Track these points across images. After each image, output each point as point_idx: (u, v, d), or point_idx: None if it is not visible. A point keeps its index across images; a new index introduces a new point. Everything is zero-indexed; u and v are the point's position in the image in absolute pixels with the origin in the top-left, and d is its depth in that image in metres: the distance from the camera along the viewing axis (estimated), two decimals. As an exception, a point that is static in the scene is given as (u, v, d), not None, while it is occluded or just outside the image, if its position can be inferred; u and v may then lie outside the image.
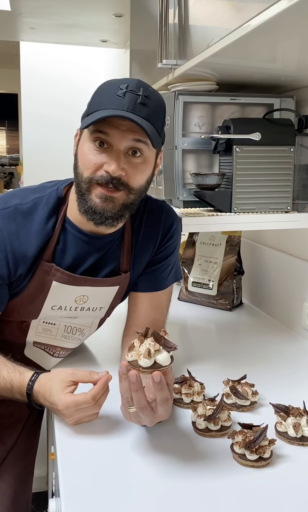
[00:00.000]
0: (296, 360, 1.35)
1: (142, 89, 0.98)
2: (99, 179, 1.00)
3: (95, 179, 1.01)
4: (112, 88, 0.99)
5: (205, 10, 1.15)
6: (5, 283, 1.09)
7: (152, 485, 0.84)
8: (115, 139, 0.98)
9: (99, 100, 1.00)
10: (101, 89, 1.02)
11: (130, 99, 0.96)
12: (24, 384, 1.03)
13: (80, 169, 1.03)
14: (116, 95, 0.97)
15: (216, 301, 1.76)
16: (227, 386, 1.13)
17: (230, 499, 0.81)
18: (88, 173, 1.01)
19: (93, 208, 1.02)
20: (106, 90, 1.00)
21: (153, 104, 1.00)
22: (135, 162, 1.01)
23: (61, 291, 1.13)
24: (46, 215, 1.08)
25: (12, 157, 8.85)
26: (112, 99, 0.97)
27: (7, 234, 1.06)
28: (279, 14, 0.81)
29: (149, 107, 0.98)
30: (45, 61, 3.38)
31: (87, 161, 1.01)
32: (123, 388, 0.88)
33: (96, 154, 1.00)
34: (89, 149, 1.01)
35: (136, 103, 0.96)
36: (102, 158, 0.99)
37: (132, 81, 0.99)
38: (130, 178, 1.01)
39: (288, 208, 1.32)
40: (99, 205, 1.02)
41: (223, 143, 1.29)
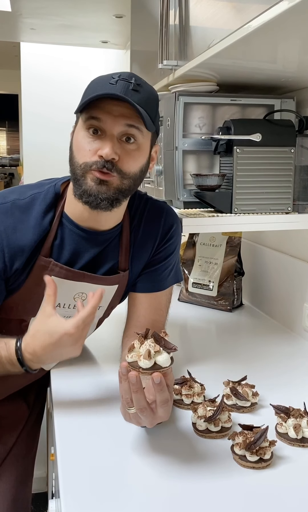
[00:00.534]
0: (297, 361, 1.35)
1: (134, 78, 1.00)
2: (93, 164, 1.01)
3: (89, 164, 1.01)
4: (104, 78, 1.01)
5: (206, 11, 1.15)
6: (1, 278, 1.08)
7: (152, 486, 0.84)
8: (108, 124, 0.99)
9: (91, 89, 1.01)
10: (93, 81, 1.04)
11: (122, 85, 0.98)
12: (12, 351, 1.01)
13: (75, 158, 1.04)
14: (108, 83, 0.99)
15: (216, 302, 1.76)
16: (227, 387, 1.13)
17: (231, 500, 0.81)
18: (83, 160, 1.02)
19: (88, 191, 1.03)
20: (98, 80, 1.02)
21: (145, 92, 1.01)
22: (129, 149, 1.02)
23: (59, 288, 1.13)
24: (43, 210, 1.09)
25: (13, 158, 8.86)
26: (104, 86, 0.98)
27: (4, 228, 1.06)
28: (279, 15, 0.81)
29: (141, 94, 1.00)
30: (46, 62, 3.39)
31: (82, 148, 1.02)
32: (123, 389, 0.88)
33: (90, 142, 1.01)
34: (83, 137, 1.02)
35: (128, 89, 0.98)
36: (96, 144, 1.01)
37: (124, 72, 1.01)
38: (123, 164, 1.02)
39: (289, 209, 1.32)
40: (94, 188, 1.02)
41: (224, 144, 1.29)
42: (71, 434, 0.99)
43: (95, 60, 3.43)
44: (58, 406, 1.10)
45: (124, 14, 2.26)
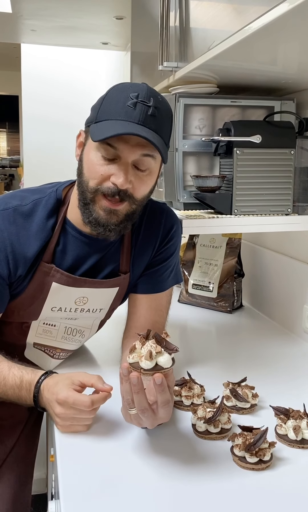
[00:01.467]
0: (297, 363, 1.35)
1: (153, 99, 0.97)
2: (106, 190, 1.00)
3: (101, 190, 1.01)
4: (122, 96, 0.97)
5: (206, 13, 1.15)
6: (6, 283, 1.09)
7: (152, 487, 0.84)
8: (124, 152, 0.98)
9: (109, 109, 0.98)
10: (110, 96, 1.00)
11: (141, 110, 0.96)
12: (36, 378, 1.04)
13: (85, 177, 1.03)
14: (126, 106, 0.96)
15: (216, 303, 1.76)
16: (227, 388, 1.13)
17: (230, 501, 0.81)
18: (94, 184, 1.01)
19: (97, 219, 1.03)
20: (115, 98, 0.99)
21: (163, 115, 1.00)
22: (142, 175, 1.02)
23: (61, 293, 1.13)
24: (45, 216, 1.09)
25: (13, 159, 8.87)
26: (123, 110, 0.96)
27: (8, 234, 1.06)
28: (280, 17, 0.81)
29: (159, 119, 0.98)
30: (46, 63, 3.39)
31: (94, 171, 1.00)
32: (124, 390, 0.88)
33: (103, 165, 0.99)
34: (96, 159, 1.00)
35: (147, 115, 0.96)
36: (110, 169, 0.99)
37: (142, 89, 0.98)
38: (135, 190, 1.02)
39: (289, 211, 1.32)
40: (103, 217, 1.02)
41: (224, 145, 1.29)
42: (70, 435, 0.99)
43: (95, 62, 3.43)
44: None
45: (124, 15, 2.26)
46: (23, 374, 1.06)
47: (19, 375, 1.06)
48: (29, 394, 1.04)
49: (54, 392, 0.98)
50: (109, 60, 3.29)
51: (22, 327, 1.19)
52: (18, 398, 1.06)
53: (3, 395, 1.07)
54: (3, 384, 1.06)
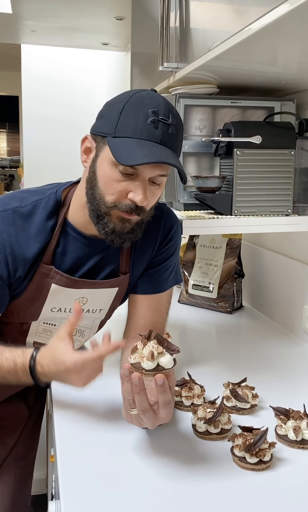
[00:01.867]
0: (297, 363, 1.35)
1: (171, 116, 0.97)
2: (124, 207, 1.01)
3: (119, 207, 1.01)
4: (142, 112, 0.96)
5: (206, 14, 1.16)
6: (5, 284, 1.09)
7: (152, 487, 0.84)
8: (145, 172, 0.99)
9: (129, 125, 0.97)
10: (128, 111, 0.97)
11: (162, 129, 0.96)
12: (27, 359, 1.03)
13: (101, 191, 1.02)
14: (148, 124, 0.95)
15: (217, 304, 1.76)
16: (227, 389, 1.13)
17: (230, 502, 0.81)
18: (112, 199, 1.01)
19: (115, 231, 1.03)
20: (135, 113, 0.97)
21: (179, 131, 1.01)
22: (154, 189, 1.03)
23: (60, 294, 1.13)
24: (45, 218, 1.09)
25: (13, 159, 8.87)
26: (145, 128, 0.95)
27: (7, 236, 1.06)
28: (280, 18, 0.81)
29: (176, 137, 1.00)
30: (46, 63, 3.39)
31: (112, 187, 1.00)
32: (126, 390, 0.88)
33: (121, 181, 0.99)
34: (114, 174, 0.99)
35: (168, 133, 0.97)
36: (128, 185, 0.99)
37: (160, 104, 0.97)
38: (148, 205, 1.03)
39: (289, 211, 1.32)
40: (119, 226, 1.03)
41: (224, 146, 1.29)
42: (71, 435, 0.99)
43: (95, 62, 3.43)
44: (58, 407, 1.10)
45: (124, 16, 2.26)
46: (15, 357, 1.04)
47: (11, 358, 1.04)
48: (28, 377, 1.03)
49: (59, 362, 0.97)
50: (109, 61, 3.30)
51: (22, 327, 1.19)
52: (19, 381, 1.05)
53: (4, 380, 1.06)
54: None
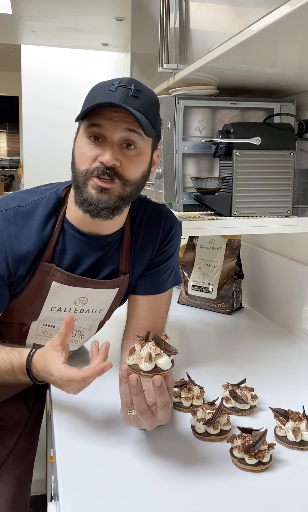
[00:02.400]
0: (296, 364, 1.35)
1: (134, 84, 1.00)
2: (94, 170, 1.01)
3: (90, 171, 1.01)
4: (104, 85, 1.01)
5: (206, 15, 1.16)
6: (5, 283, 1.09)
7: (151, 489, 0.84)
8: (109, 131, 0.99)
9: (91, 97, 1.02)
10: (94, 88, 1.04)
11: (121, 92, 0.98)
12: (23, 361, 1.04)
13: (77, 165, 1.04)
14: (108, 90, 0.99)
15: (216, 304, 1.76)
16: (226, 390, 1.13)
17: (229, 503, 0.81)
18: (85, 166, 1.02)
19: (89, 199, 1.03)
20: (98, 88, 1.03)
21: (145, 98, 1.01)
22: (130, 154, 1.02)
23: (60, 292, 1.13)
24: (45, 216, 1.09)
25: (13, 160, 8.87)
26: (104, 93, 0.99)
27: (8, 235, 1.06)
28: (280, 20, 0.81)
29: (141, 100, 1.00)
30: (46, 64, 3.40)
31: (83, 155, 1.02)
32: (124, 391, 0.88)
33: (91, 148, 1.01)
34: (84, 144, 1.02)
35: (128, 95, 0.98)
36: (97, 150, 1.01)
37: (124, 78, 1.01)
38: (125, 170, 1.02)
39: (288, 212, 1.32)
40: (94, 196, 1.02)
41: (223, 147, 1.29)
42: (70, 436, 0.99)
43: (95, 63, 3.44)
44: (58, 408, 1.10)
45: (124, 17, 2.27)
46: (11, 358, 1.05)
47: (8, 360, 1.05)
48: (26, 377, 1.04)
49: (48, 372, 0.98)
50: (109, 61, 3.30)
51: (21, 328, 1.19)
52: (18, 380, 1.06)
53: (3, 380, 1.07)
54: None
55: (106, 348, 1.00)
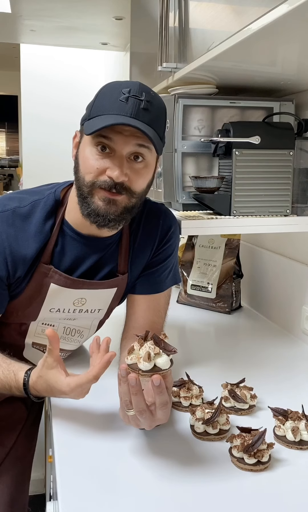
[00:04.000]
0: (295, 364, 1.35)
1: (145, 94, 0.98)
2: (102, 184, 1.00)
3: (97, 184, 1.01)
4: (115, 92, 0.99)
5: (206, 14, 1.15)
6: (4, 284, 1.09)
7: (150, 488, 0.84)
8: (118, 145, 0.98)
9: (101, 104, 1.00)
10: (102, 93, 1.02)
11: (133, 104, 0.96)
12: (20, 387, 1.04)
13: (81, 173, 1.03)
14: (119, 100, 0.97)
15: (215, 304, 1.76)
16: (225, 389, 1.13)
17: (228, 503, 0.81)
18: (90, 178, 1.01)
19: (96, 210, 1.02)
20: (108, 94, 1.00)
21: (155, 109, 1.00)
22: (138, 167, 1.02)
23: (59, 294, 1.13)
24: (43, 218, 1.09)
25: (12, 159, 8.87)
26: (115, 104, 0.97)
27: (6, 237, 1.06)
28: (279, 18, 0.81)
29: (151, 112, 0.99)
30: (45, 63, 3.39)
31: (89, 166, 1.01)
32: (122, 391, 0.88)
33: (98, 159, 1.00)
34: (91, 154, 1.01)
35: (139, 108, 0.97)
36: (105, 163, 1.00)
37: (134, 85, 0.99)
38: (132, 183, 1.02)
39: (288, 212, 1.32)
40: (102, 208, 1.02)
41: (223, 146, 1.29)
42: (69, 436, 0.99)
43: (95, 62, 3.43)
44: (56, 408, 1.10)
45: (123, 16, 2.26)
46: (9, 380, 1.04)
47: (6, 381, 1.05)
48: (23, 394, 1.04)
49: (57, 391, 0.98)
50: (108, 61, 3.29)
51: (20, 328, 1.19)
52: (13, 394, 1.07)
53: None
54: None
55: (107, 344, 1.00)
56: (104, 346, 0.99)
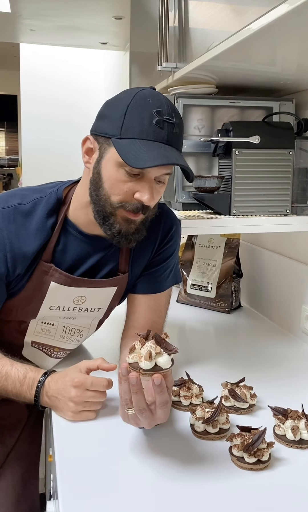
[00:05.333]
0: (295, 363, 1.35)
1: (174, 115, 0.98)
2: (130, 207, 1.01)
3: (125, 207, 1.02)
4: (146, 112, 0.96)
5: (205, 13, 1.16)
6: (3, 282, 1.09)
7: (150, 487, 0.84)
8: (148, 171, 0.99)
9: (134, 126, 0.96)
10: (132, 111, 0.97)
11: (167, 129, 0.97)
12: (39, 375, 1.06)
13: (106, 192, 1.02)
14: (153, 124, 0.96)
15: (215, 303, 1.76)
16: (225, 388, 1.13)
17: (228, 502, 0.81)
18: (118, 200, 1.01)
19: (122, 232, 1.04)
20: (139, 114, 0.97)
21: (181, 130, 1.02)
22: (159, 188, 1.04)
23: (59, 292, 1.13)
24: (45, 216, 1.09)
25: (11, 159, 8.87)
26: (151, 129, 0.96)
27: (7, 233, 1.06)
28: (279, 18, 0.81)
29: (180, 136, 1.01)
30: (45, 62, 3.39)
31: (118, 188, 1.01)
32: (123, 389, 0.88)
33: (127, 182, 1.00)
34: (119, 174, 1.00)
35: (172, 133, 0.97)
36: (134, 186, 1.00)
37: (163, 103, 0.98)
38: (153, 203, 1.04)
39: (287, 211, 1.32)
40: (124, 228, 1.04)
41: (223, 146, 1.29)
42: (69, 435, 0.99)
43: (94, 61, 3.44)
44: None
45: (123, 15, 2.26)
46: (27, 370, 1.08)
47: (23, 370, 1.07)
48: (30, 390, 1.05)
49: (68, 379, 1.01)
50: (108, 60, 3.30)
51: (20, 326, 1.19)
52: (18, 393, 1.07)
53: (2, 390, 1.08)
54: (4, 378, 1.07)
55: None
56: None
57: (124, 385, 0.87)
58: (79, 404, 1.01)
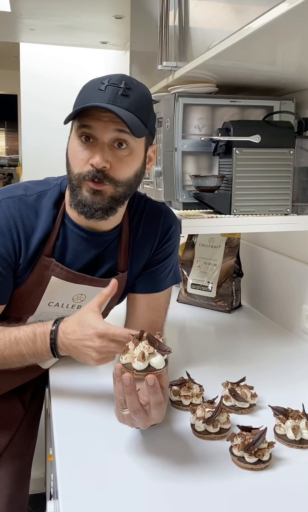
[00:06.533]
0: (295, 362, 1.35)
1: (124, 82, 0.99)
2: (87, 174, 1.01)
3: (83, 175, 1.02)
4: (95, 83, 1.00)
5: (206, 12, 1.15)
6: (11, 269, 1.09)
7: (151, 487, 0.84)
8: (98, 131, 0.99)
9: (82, 96, 1.01)
10: (84, 87, 1.03)
11: (111, 91, 0.97)
12: (48, 326, 1.04)
13: (71, 166, 1.04)
14: (97, 89, 0.98)
15: (215, 303, 1.76)
16: (226, 388, 1.13)
17: (229, 502, 0.81)
18: (78, 170, 1.02)
19: (83, 201, 1.03)
20: (88, 86, 1.02)
21: (136, 95, 1.00)
22: (121, 155, 1.01)
23: (59, 288, 1.13)
24: (48, 209, 1.10)
25: (11, 158, 8.87)
26: (94, 93, 0.98)
27: (14, 222, 1.07)
28: (279, 17, 0.81)
29: (131, 98, 0.99)
30: (45, 62, 3.38)
31: (76, 158, 1.02)
32: (117, 390, 0.87)
33: (82, 150, 1.01)
34: (76, 145, 1.02)
35: (117, 95, 0.97)
36: (88, 153, 1.01)
37: (115, 76, 1.01)
38: (115, 171, 1.02)
39: (288, 211, 1.32)
40: (88, 198, 1.03)
41: (223, 145, 1.29)
42: (69, 435, 0.99)
43: (94, 61, 3.43)
44: (57, 406, 1.10)
45: (123, 15, 2.26)
46: (34, 327, 1.05)
47: (30, 329, 1.05)
48: (45, 345, 1.03)
49: (89, 327, 0.98)
50: (108, 60, 3.29)
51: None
52: (34, 353, 1.05)
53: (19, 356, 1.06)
54: (16, 343, 1.05)
55: None
56: None
57: (118, 386, 0.86)
58: (102, 353, 0.98)
